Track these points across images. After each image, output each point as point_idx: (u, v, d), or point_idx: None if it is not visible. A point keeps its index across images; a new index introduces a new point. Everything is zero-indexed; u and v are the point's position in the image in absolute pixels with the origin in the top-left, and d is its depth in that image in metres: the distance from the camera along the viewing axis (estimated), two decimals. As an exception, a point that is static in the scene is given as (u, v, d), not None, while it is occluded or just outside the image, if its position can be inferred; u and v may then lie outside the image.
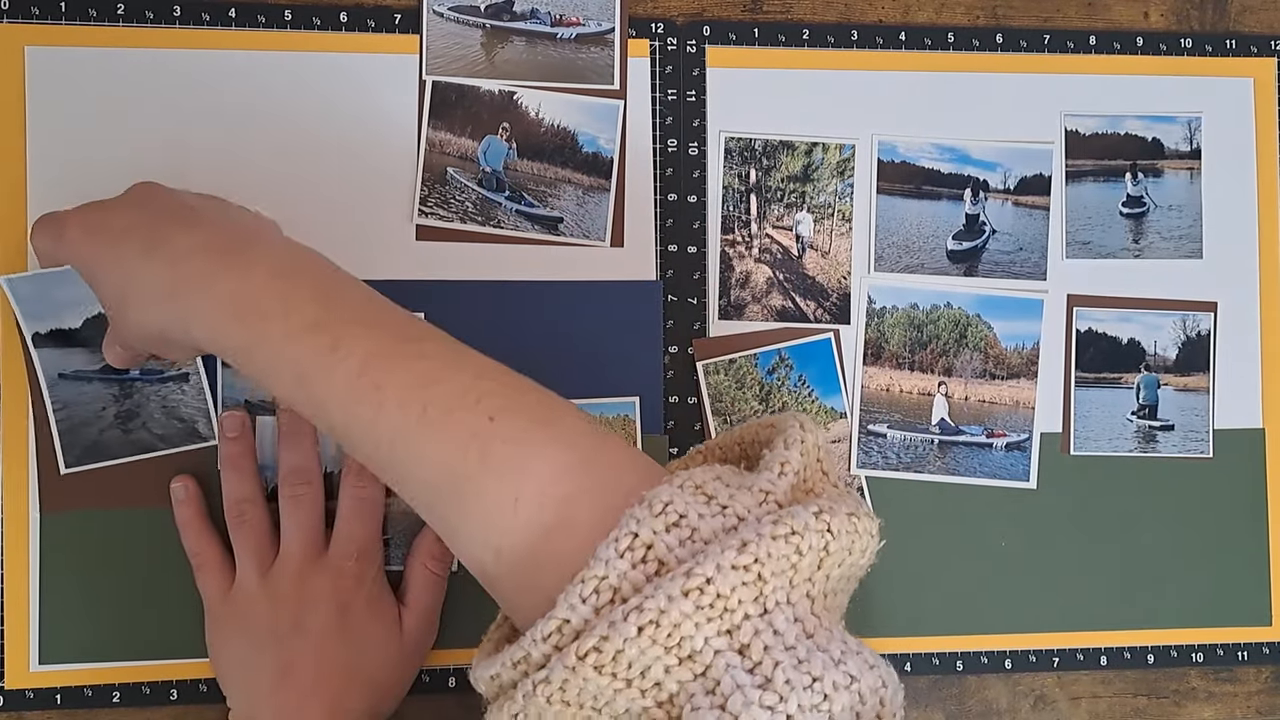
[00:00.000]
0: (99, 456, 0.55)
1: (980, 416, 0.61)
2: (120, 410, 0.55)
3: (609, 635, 0.32)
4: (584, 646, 0.32)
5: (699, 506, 0.34)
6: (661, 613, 0.32)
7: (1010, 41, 0.62)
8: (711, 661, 0.32)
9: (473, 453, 0.36)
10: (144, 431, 0.55)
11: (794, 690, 0.31)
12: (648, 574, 0.33)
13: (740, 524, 0.34)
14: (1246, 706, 0.63)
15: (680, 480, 0.35)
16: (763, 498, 0.35)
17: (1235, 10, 0.64)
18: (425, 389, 0.38)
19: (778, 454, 0.37)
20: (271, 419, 0.55)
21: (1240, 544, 0.62)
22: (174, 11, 0.57)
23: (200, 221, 0.45)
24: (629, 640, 0.31)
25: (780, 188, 0.60)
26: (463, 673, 0.57)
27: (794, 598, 0.34)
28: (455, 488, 0.37)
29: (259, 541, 0.53)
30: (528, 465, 0.36)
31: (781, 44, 0.60)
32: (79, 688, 0.55)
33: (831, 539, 0.34)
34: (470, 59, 0.58)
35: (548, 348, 0.58)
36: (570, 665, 0.32)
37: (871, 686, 0.33)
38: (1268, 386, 0.63)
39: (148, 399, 0.56)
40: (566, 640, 0.33)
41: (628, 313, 0.59)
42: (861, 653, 0.34)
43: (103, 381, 0.55)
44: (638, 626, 0.31)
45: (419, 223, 0.58)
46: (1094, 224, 0.62)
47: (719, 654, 0.32)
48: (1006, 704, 0.61)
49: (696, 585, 0.32)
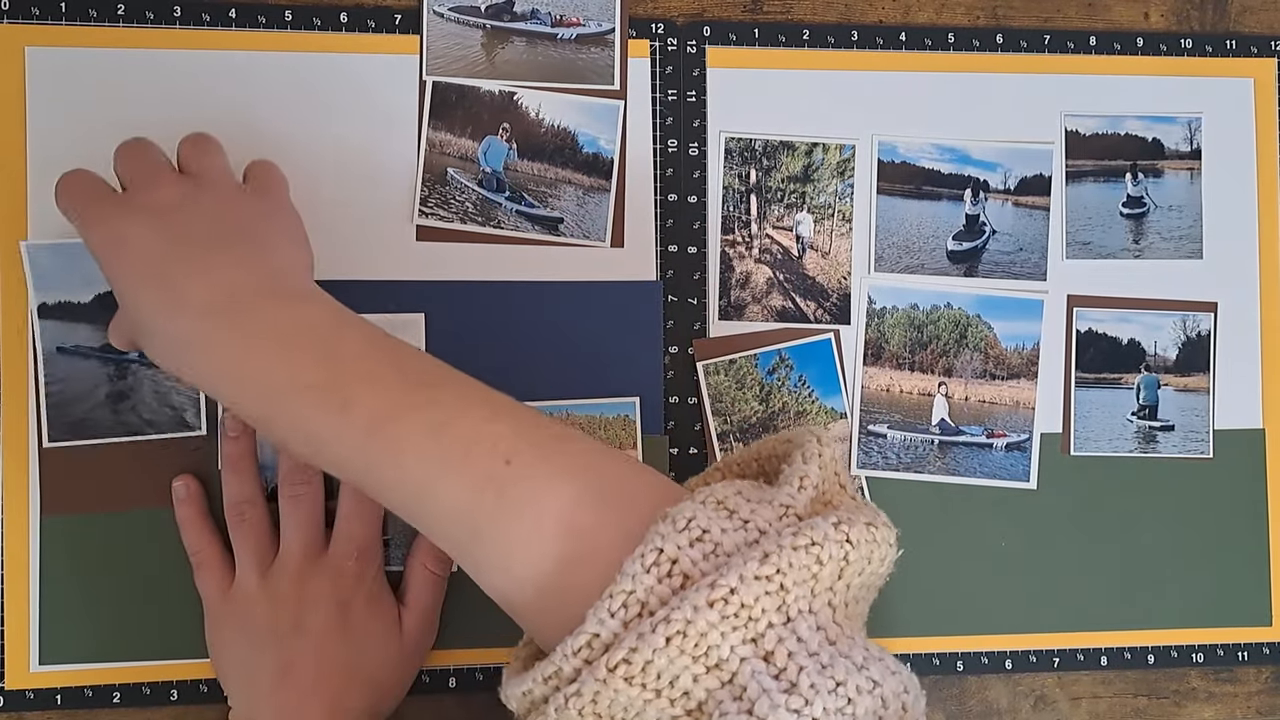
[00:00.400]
0: (84, 434, 0.55)
1: (980, 417, 0.61)
2: (113, 390, 0.55)
3: (638, 647, 0.32)
4: (614, 659, 0.33)
5: (721, 521, 0.35)
6: (688, 623, 0.32)
7: (1010, 41, 0.62)
8: (738, 669, 0.33)
9: (490, 495, 0.37)
10: (132, 414, 0.55)
11: (819, 694, 0.32)
12: (673, 587, 0.34)
13: (762, 536, 0.35)
14: (1246, 707, 0.63)
15: (702, 496, 0.36)
16: (783, 511, 0.36)
17: (1235, 10, 0.64)
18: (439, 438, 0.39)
19: (796, 468, 0.38)
20: None
21: (1240, 544, 0.62)
22: (174, 12, 0.57)
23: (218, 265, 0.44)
24: (657, 651, 0.32)
25: (780, 188, 0.60)
26: (463, 673, 0.57)
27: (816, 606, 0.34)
28: (476, 529, 0.38)
29: (259, 541, 0.53)
30: (546, 502, 0.37)
31: (782, 44, 0.60)
32: (79, 688, 0.55)
33: (851, 549, 0.35)
34: (470, 59, 0.58)
35: (548, 348, 0.58)
36: (601, 677, 0.33)
37: (894, 691, 0.34)
38: (1268, 386, 0.63)
39: (141, 382, 0.56)
40: (596, 654, 0.34)
41: (628, 313, 0.59)
42: (884, 659, 0.35)
43: (100, 360, 0.55)
44: (665, 637, 0.32)
45: (419, 223, 0.58)
46: (1094, 224, 0.62)
47: (745, 661, 0.33)
48: (1007, 704, 0.61)
49: (721, 596, 0.33)
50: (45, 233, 0.55)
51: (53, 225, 0.56)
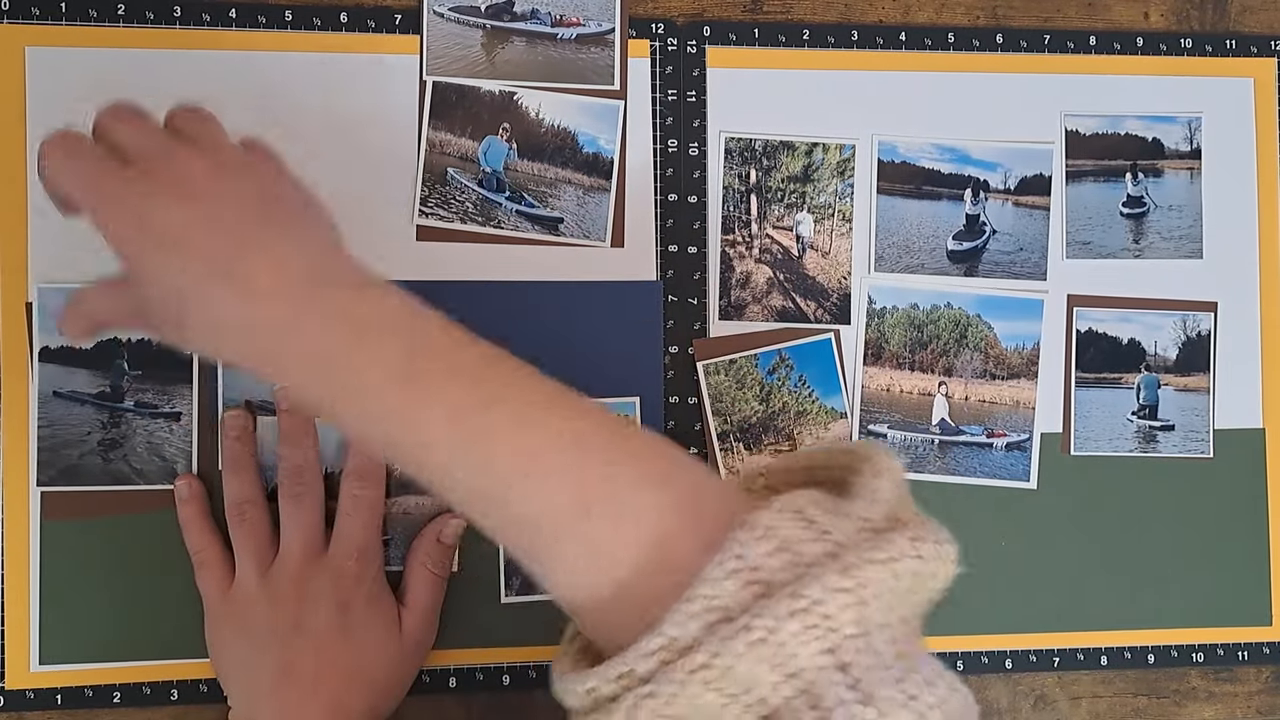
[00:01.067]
0: (73, 480, 0.55)
1: (980, 416, 0.61)
2: (105, 438, 0.55)
3: (720, 652, 0.33)
4: (694, 662, 0.33)
5: (800, 531, 0.35)
6: (770, 631, 0.33)
7: (1010, 41, 0.62)
8: (815, 678, 0.33)
9: (575, 496, 0.37)
10: (123, 463, 0.55)
11: (894, 707, 0.33)
12: (754, 594, 0.34)
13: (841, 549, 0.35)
14: (1246, 706, 0.63)
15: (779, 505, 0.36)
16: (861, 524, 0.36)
17: (1235, 10, 0.64)
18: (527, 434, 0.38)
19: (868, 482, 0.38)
20: (272, 419, 0.55)
21: (1240, 544, 0.62)
22: (174, 12, 0.57)
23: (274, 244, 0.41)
24: (739, 657, 0.32)
25: (780, 188, 0.60)
26: (463, 673, 0.57)
27: (891, 620, 0.35)
28: (556, 530, 0.37)
29: (259, 541, 0.53)
30: (626, 508, 0.37)
31: (782, 44, 0.60)
32: (79, 688, 0.55)
33: (923, 564, 0.35)
34: (470, 59, 0.58)
35: (548, 348, 0.58)
36: (679, 679, 0.33)
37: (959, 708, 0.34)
38: (1268, 386, 0.63)
39: (134, 431, 0.56)
40: (673, 656, 0.33)
41: (628, 313, 0.59)
42: (946, 675, 0.35)
43: (95, 406, 0.55)
44: (747, 643, 0.32)
45: (419, 223, 0.58)
46: (1094, 224, 0.62)
47: (823, 671, 0.33)
48: (1007, 704, 0.61)
49: (803, 606, 0.33)
50: (46, 231, 0.55)
51: (54, 224, 0.56)
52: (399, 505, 0.56)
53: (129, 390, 0.55)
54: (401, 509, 0.56)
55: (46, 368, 0.55)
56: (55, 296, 0.55)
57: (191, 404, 0.56)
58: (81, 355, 0.55)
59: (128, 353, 0.56)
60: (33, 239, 0.55)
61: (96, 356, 0.55)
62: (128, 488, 0.55)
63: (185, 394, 0.56)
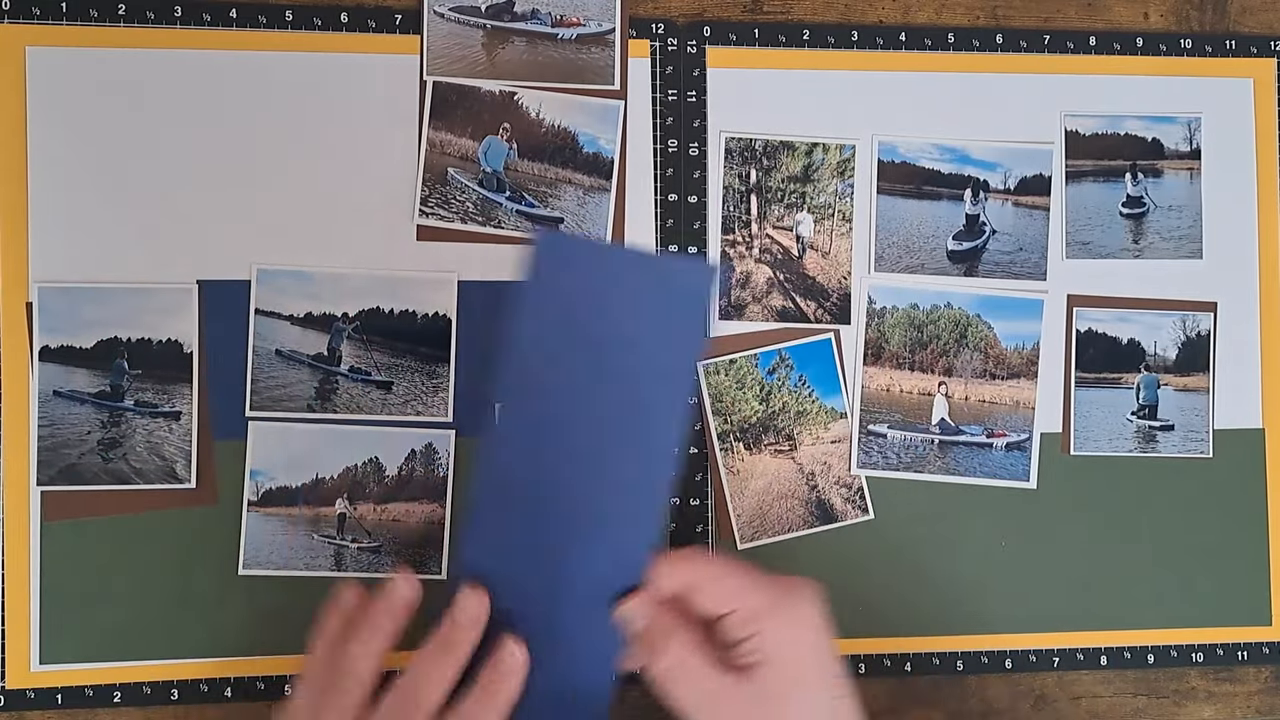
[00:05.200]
0: (73, 480, 0.55)
1: (980, 416, 0.61)
2: (105, 437, 0.55)
3: None
4: None
5: None
6: None
7: (1010, 41, 0.62)
8: None
9: None
10: (123, 463, 0.56)
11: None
12: None
13: None
14: (1246, 706, 0.63)
15: None
16: None
17: (1235, 10, 0.64)
18: None
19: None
20: (296, 425, 0.55)
21: (1240, 544, 0.63)
22: (174, 12, 0.57)
23: None
24: None
25: (780, 188, 0.60)
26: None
27: None
28: None
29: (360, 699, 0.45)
30: None
31: (781, 44, 0.60)
32: (79, 688, 0.55)
33: None
34: (471, 59, 0.58)
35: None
36: None
37: None
38: (1268, 386, 0.63)
39: (134, 430, 0.56)
40: None
41: (628, 313, 0.59)
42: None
43: (95, 406, 0.55)
44: None
45: (420, 223, 0.58)
46: (1094, 224, 0.62)
47: None
48: (1006, 704, 0.61)
49: None
50: (46, 231, 0.55)
51: (53, 223, 0.56)
52: (388, 512, 0.56)
53: (129, 390, 0.56)
54: (392, 516, 0.57)
55: (46, 367, 0.55)
56: (53, 297, 0.55)
57: (191, 404, 0.56)
58: (81, 355, 0.55)
59: (128, 352, 0.56)
60: (33, 239, 0.55)
61: (96, 356, 0.55)
62: (128, 487, 0.55)
63: (185, 394, 0.56)
